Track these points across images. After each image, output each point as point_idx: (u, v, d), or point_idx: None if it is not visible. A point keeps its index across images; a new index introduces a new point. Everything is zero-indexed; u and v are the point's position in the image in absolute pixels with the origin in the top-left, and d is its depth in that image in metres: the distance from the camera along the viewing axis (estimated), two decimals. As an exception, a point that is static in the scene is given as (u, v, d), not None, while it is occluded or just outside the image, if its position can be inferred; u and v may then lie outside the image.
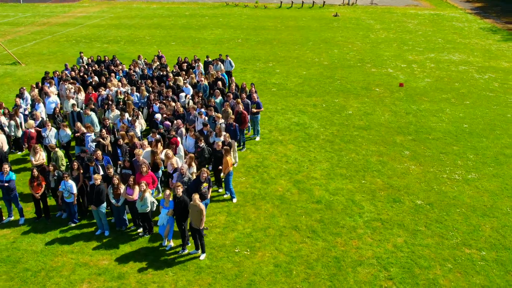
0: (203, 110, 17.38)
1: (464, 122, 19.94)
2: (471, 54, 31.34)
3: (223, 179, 14.03)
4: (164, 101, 17.92)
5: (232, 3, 52.87)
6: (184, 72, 21.68)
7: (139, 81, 20.43)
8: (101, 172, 12.98)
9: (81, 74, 21.52)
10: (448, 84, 25.01)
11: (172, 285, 10.75)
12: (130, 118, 16.57)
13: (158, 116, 16.57)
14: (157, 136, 14.84)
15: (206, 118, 16.55)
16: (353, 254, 11.80)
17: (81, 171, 13.01)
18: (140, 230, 12.70)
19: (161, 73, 21.50)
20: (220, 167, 13.96)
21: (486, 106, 21.75)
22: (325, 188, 14.80)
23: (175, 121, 16.05)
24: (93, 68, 22.43)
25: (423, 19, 44.78)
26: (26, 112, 18.13)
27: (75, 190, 12.53)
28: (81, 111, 17.50)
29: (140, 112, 17.41)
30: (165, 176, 14.58)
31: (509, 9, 49.85)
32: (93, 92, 19.31)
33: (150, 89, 19.49)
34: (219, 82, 20.16)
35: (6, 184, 12.59)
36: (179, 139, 14.93)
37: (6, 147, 15.30)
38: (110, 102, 18.22)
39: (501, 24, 42.06)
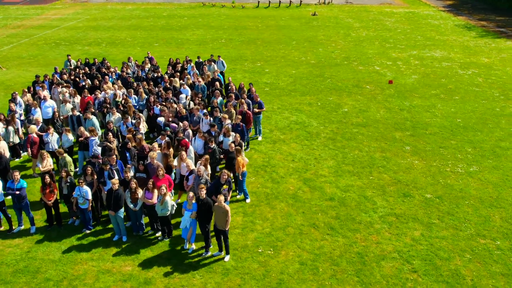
0: (205, 111, 17.30)
1: (457, 116, 20.52)
2: (451, 50, 32.23)
3: (239, 178, 13.95)
4: (165, 103, 17.71)
5: (209, 4, 52.63)
6: (178, 74, 21.45)
7: (135, 83, 20.07)
8: (116, 176, 12.73)
9: (72, 77, 21.01)
10: (434, 80, 25.65)
11: (202, 286, 10.66)
12: (134, 121, 16.30)
13: (162, 119, 16.37)
14: (167, 138, 14.67)
15: (211, 119, 16.45)
16: (375, 249, 11.99)
17: (95, 176, 12.72)
18: (159, 234, 12.53)
19: (156, 75, 21.22)
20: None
21: (474, 101, 22.43)
22: (336, 185, 14.96)
23: (180, 123, 15.89)
24: (84, 71, 21.96)
25: (399, 17, 45.74)
26: (22, 118, 17.60)
27: (90, 196, 12.27)
28: (81, 115, 17.10)
29: (142, 115, 17.16)
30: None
31: (479, 7, 51.49)
32: (89, 95, 18.88)
33: (147, 91, 19.23)
34: (217, 83, 20.07)
35: (17, 192, 12.20)
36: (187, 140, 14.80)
37: (8, 154, 14.81)
38: (108, 105, 17.92)
39: (474, 21, 43.41)
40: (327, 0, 54.78)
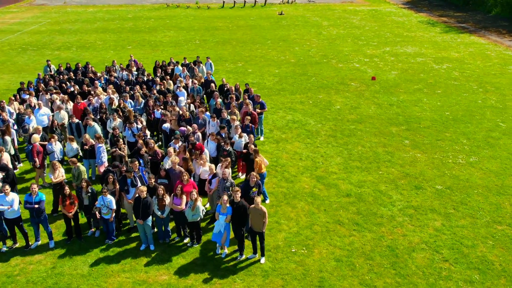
0: (207, 113, 17.12)
1: (444, 110, 21.31)
2: (422, 46, 33.40)
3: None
4: (166, 107, 17.38)
5: (173, 5, 51.90)
6: (168, 77, 21.06)
7: (127, 87, 19.51)
8: (139, 184, 12.36)
9: (57, 83, 20.17)
10: (414, 75, 26.51)
11: (246, 291, 10.57)
12: (139, 126, 15.88)
13: (167, 125, 16.04)
14: (180, 142, 14.41)
15: (218, 121, 16.28)
16: (403, 242, 12.28)
17: (117, 185, 12.30)
18: (187, 240, 12.29)
19: (145, 78, 20.73)
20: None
21: (456, 94, 23.38)
22: (349, 182, 15.19)
23: (189, 126, 15.63)
24: (68, 76, 21.17)
25: (363, 15, 46.88)
26: (15, 127, 16.73)
27: (114, 206, 11.85)
28: (80, 122, 16.46)
29: (143, 119, 16.76)
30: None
31: (435, 3, 53.62)
32: (82, 101, 18.21)
33: (143, 95, 18.77)
34: (212, 84, 19.87)
35: (36, 206, 11.60)
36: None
37: (10, 167, 14.04)
38: (105, 111, 17.38)
39: (435, 17, 45.19)
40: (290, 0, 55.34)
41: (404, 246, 12.12)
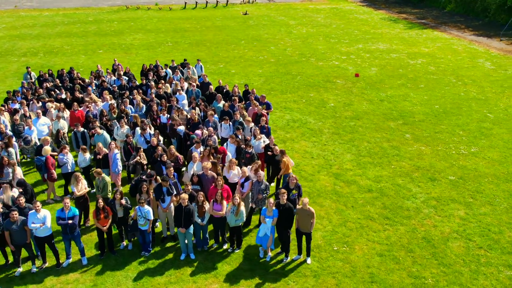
0: (216, 116, 16.88)
1: (432, 103, 22.14)
2: (391, 42, 34.47)
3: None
4: (170, 111, 16.97)
5: (133, 6, 50.57)
6: (163, 80, 20.53)
7: (127, 92, 18.85)
8: (175, 192, 12.00)
9: (45, 91, 19.18)
10: (393, 71, 27.33)
11: (303, 293, 10.52)
12: (151, 132, 15.39)
13: (182, 127, 15.67)
14: (202, 147, 14.12)
15: (231, 123, 16.08)
16: (435, 232, 12.66)
17: (152, 194, 11.87)
18: (226, 246, 12.06)
19: (140, 83, 20.11)
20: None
21: (439, 88, 24.33)
22: (366, 177, 15.46)
23: (204, 130, 15.34)
24: (54, 83, 20.20)
25: (326, 13, 47.73)
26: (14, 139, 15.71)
27: (152, 216, 11.44)
28: (85, 130, 15.72)
29: (150, 125, 16.26)
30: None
31: (393, 1, 55.41)
32: (79, 109, 17.42)
33: (144, 100, 18.23)
34: (211, 87, 19.58)
35: (70, 222, 10.98)
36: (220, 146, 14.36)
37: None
38: (109, 118, 16.75)
39: (395, 14, 46.75)
40: (251, -1, 55.41)
41: (438, 236, 12.49)
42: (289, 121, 20.06)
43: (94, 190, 12.93)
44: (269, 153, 14.14)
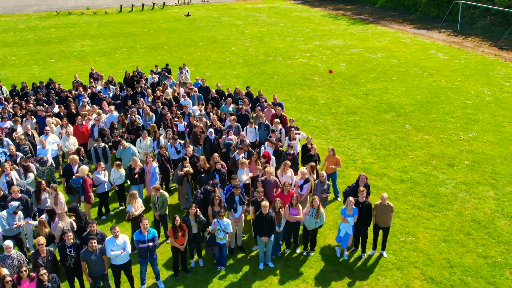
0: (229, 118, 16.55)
1: (412, 94, 23.44)
2: (344, 38, 35.81)
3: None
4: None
5: (65, 12, 47.50)
6: (161, 87, 19.67)
7: (129, 101, 17.80)
8: (246, 200, 11.65)
9: (30, 104, 17.55)
10: (361, 66, 28.47)
11: (399, 285, 10.75)
12: (182, 142, 14.74)
13: (211, 130, 15.21)
14: (245, 152, 13.81)
15: (257, 127, 15.87)
16: (479, 214, 13.54)
17: (223, 205, 11.42)
18: (299, 250, 11.95)
19: (134, 91, 19.12)
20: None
21: (411, 80, 25.79)
22: (393, 169, 16.08)
23: (234, 136, 15.02)
24: (38, 96, 18.62)
25: (267, 12, 48.29)
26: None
27: (231, 229, 11.03)
28: (106, 146, 14.67)
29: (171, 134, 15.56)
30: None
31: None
32: (84, 123, 16.22)
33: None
34: (213, 91, 19.17)
35: (150, 244, 10.25)
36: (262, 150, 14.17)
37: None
38: (125, 131, 15.79)
39: (331, 11, 48.51)
40: (186, 0, 54.48)
41: (484, 217, 13.37)
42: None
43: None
44: (311, 152, 14.16)
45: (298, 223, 11.63)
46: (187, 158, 13.26)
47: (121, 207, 13.96)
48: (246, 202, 11.65)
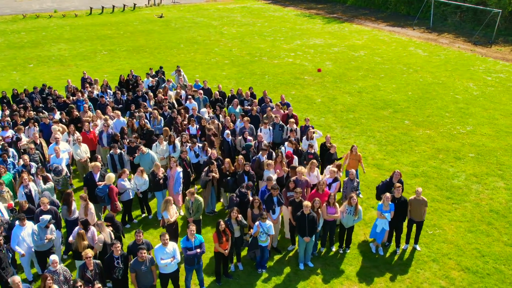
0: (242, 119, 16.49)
1: (404, 91, 24.04)
2: (323, 37, 36.26)
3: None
4: (190, 121, 16.26)
5: (32, 15, 45.74)
6: (161, 90, 19.33)
7: (133, 106, 17.39)
8: (283, 201, 11.64)
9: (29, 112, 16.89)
10: (347, 64, 28.93)
11: (441, 279, 11.03)
12: (200, 145, 14.56)
13: (228, 132, 15.09)
14: (268, 153, 13.79)
15: (271, 127, 15.87)
16: (495, 204, 14.07)
17: (262, 207, 11.36)
18: (334, 248, 12.06)
19: (136, 94, 18.71)
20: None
21: (398, 76, 26.43)
22: (404, 164, 16.45)
23: (250, 137, 14.98)
24: (32, 103, 17.94)
25: (240, 12, 48.21)
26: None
27: (273, 231, 10.99)
28: (123, 152, 14.28)
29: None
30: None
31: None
32: (91, 129, 15.75)
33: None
34: (216, 92, 19.02)
35: (198, 251, 10.08)
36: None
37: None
38: (137, 136, 15.44)
39: (305, 10, 49.00)
40: (156, 1, 53.65)
41: (501, 207, 13.90)
42: (293, 120, 20.20)
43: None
44: (330, 150, 14.29)
45: (335, 221, 11.71)
46: (215, 163, 13.08)
47: (144, 215, 13.62)
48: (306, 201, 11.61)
